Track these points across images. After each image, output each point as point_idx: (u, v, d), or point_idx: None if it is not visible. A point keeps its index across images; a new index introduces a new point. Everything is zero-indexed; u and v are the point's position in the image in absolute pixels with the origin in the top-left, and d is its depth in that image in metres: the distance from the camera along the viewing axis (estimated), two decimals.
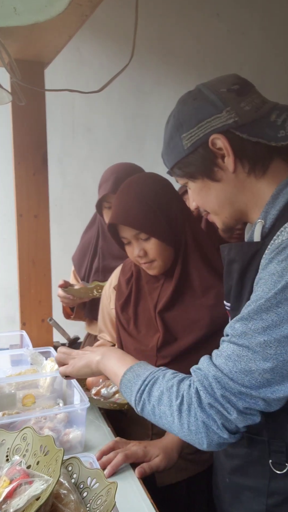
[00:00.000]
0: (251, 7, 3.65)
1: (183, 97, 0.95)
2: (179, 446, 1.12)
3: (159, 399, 0.87)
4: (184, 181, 0.98)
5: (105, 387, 1.31)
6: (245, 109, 0.87)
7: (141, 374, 0.93)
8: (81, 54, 3.23)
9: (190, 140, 0.90)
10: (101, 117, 3.37)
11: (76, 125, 3.34)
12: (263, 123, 0.87)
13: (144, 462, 1.09)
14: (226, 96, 0.88)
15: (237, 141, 0.87)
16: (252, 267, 0.86)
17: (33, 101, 1.63)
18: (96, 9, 1.22)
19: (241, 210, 0.94)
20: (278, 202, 0.87)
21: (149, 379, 0.91)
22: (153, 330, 1.37)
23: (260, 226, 0.88)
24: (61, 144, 3.29)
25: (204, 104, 0.89)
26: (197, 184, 0.94)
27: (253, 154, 0.88)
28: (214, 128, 0.87)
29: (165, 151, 0.98)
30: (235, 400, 0.79)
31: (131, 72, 1.49)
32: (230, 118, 0.87)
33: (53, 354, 1.41)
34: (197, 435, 0.82)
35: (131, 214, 1.28)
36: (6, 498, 0.73)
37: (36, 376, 1.30)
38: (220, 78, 0.93)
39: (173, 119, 0.94)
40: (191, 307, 1.33)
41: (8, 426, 1.08)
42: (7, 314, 3.23)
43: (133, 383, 0.92)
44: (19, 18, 0.74)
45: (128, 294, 1.47)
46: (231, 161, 0.88)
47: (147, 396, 0.89)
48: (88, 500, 0.80)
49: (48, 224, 1.75)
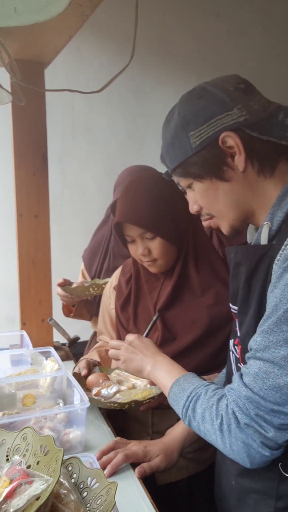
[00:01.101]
0: (251, 7, 3.65)
1: (186, 96, 0.93)
2: (180, 446, 1.12)
3: (202, 417, 0.88)
4: (187, 182, 0.95)
5: (106, 388, 1.31)
6: (254, 108, 0.86)
7: (186, 388, 0.95)
8: (81, 54, 3.23)
9: (199, 138, 0.87)
10: (101, 117, 3.37)
11: (76, 125, 3.34)
12: (271, 122, 0.86)
13: (144, 462, 1.09)
14: (235, 94, 0.87)
15: (248, 139, 0.86)
16: (260, 270, 0.85)
17: (33, 101, 1.63)
18: (96, 9, 1.22)
19: (248, 211, 0.92)
20: (284, 205, 0.86)
21: (192, 395, 0.92)
22: (153, 329, 1.37)
23: (267, 228, 0.87)
24: (61, 144, 3.29)
25: (213, 102, 0.87)
26: (204, 184, 0.91)
27: (262, 153, 0.87)
28: (225, 125, 0.85)
29: (167, 150, 0.95)
30: (269, 418, 0.78)
31: (131, 72, 1.49)
32: (241, 115, 0.85)
33: (53, 354, 1.41)
34: (239, 455, 0.82)
35: (137, 213, 1.28)
36: (6, 498, 0.73)
37: (36, 376, 1.30)
38: (223, 78, 0.92)
39: (178, 117, 0.91)
40: (190, 306, 1.34)
41: (8, 426, 1.08)
42: (7, 314, 3.23)
43: (179, 398, 0.95)
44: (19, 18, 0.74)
45: (128, 293, 1.48)
46: (242, 159, 0.86)
47: (192, 413, 0.91)
48: (88, 500, 0.80)
49: (48, 224, 1.75)
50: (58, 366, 1.31)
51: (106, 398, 1.29)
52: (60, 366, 1.31)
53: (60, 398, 1.29)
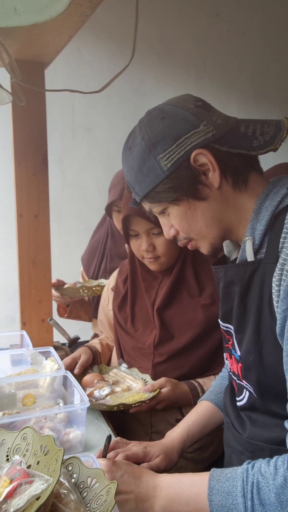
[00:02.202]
0: (251, 7, 3.65)
1: (145, 119, 0.89)
2: (180, 447, 1.12)
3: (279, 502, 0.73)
4: (161, 207, 0.92)
5: (99, 389, 1.33)
6: (218, 122, 0.86)
7: (231, 491, 0.77)
8: (81, 54, 3.23)
9: (169, 160, 0.85)
10: (101, 117, 3.37)
11: (76, 125, 3.34)
12: (236, 135, 0.86)
13: (144, 462, 1.09)
14: (197, 111, 0.86)
15: (219, 154, 0.85)
16: (253, 287, 0.85)
17: (33, 101, 1.63)
18: (96, 9, 1.22)
19: (227, 227, 0.91)
20: (262, 217, 0.85)
21: (246, 489, 0.76)
22: (150, 328, 1.38)
23: (250, 243, 0.86)
24: (61, 144, 3.29)
25: (177, 121, 0.85)
26: (181, 207, 0.89)
27: (234, 167, 0.87)
28: (195, 143, 0.84)
29: (134, 178, 0.90)
30: None
31: (131, 72, 1.49)
32: (209, 131, 0.84)
33: (53, 354, 1.41)
34: None
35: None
36: (6, 498, 0.73)
37: (36, 376, 1.30)
38: (179, 98, 0.91)
39: (142, 141, 0.87)
40: (187, 305, 1.34)
41: (8, 426, 1.08)
42: (7, 314, 3.23)
43: (231, 504, 0.77)
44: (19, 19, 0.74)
45: (125, 293, 1.48)
46: (217, 175, 0.85)
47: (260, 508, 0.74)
48: (88, 500, 0.80)
49: (48, 224, 1.75)
50: (58, 366, 1.31)
51: (97, 399, 1.30)
52: (59, 366, 1.31)
53: (60, 398, 1.29)
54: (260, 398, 0.87)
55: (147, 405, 1.26)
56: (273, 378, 0.83)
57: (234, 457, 0.98)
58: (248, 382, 0.89)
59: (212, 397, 1.18)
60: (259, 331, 0.84)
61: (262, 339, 0.84)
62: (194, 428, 1.14)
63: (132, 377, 1.39)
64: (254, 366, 0.86)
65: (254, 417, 0.92)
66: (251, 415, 0.93)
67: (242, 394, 0.94)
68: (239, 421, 0.97)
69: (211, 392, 1.20)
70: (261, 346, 0.84)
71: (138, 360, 1.41)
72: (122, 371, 1.44)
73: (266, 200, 0.86)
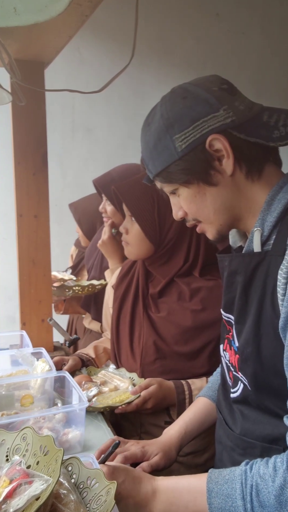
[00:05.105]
0: (251, 7, 3.65)
1: (168, 97, 0.88)
2: (178, 444, 1.12)
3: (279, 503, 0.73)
4: (172, 187, 0.91)
5: (86, 390, 1.33)
6: (240, 108, 0.84)
7: (230, 494, 0.77)
8: (81, 54, 3.24)
9: (185, 142, 0.84)
10: (101, 117, 3.37)
11: (76, 125, 3.34)
12: (257, 124, 0.84)
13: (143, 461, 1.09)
14: (220, 94, 0.84)
15: (236, 141, 0.83)
16: (257, 278, 0.84)
17: (33, 101, 1.63)
18: (96, 9, 1.22)
19: (236, 216, 0.90)
20: (274, 209, 0.84)
21: (245, 492, 0.76)
22: (144, 329, 1.39)
23: (258, 234, 0.84)
24: (61, 144, 3.29)
25: (198, 103, 0.83)
26: (191, 189, 0.88)
27: (249, 156, 0.85)
28: (212, 128, 0.82)
29: (149, 155, 0.90)
30: None
31: (131, 72, 1.49)
32: (228, 117, 0.83)
33: (44, 355, 1.40)
34: None
35: (132, 196, 1.35)
36: (6, 498, 0.73)
37: (26, 378, 1.29)
38: (204, 78, 0.89)
39: (161, 119, 0.86)
40: (177, 309, 1.35)
41: (7, 426, 1.08)
42: (7, 314, 3.24)
43: (230, 506, 0.77)
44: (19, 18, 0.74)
45: (123, 293, 1.50)
46: (230, 163, 0.84)
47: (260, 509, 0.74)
48: (88, 500, 0.80)
49: (48, 224, 1.75)
50: (49, 367, 1.29)
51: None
52: (51, 367, 1.29)
53: (50, 400, 1.28)
54: (254, 391, 0.86)
55: (133, 405, 1.26)
56: (269, 372, 0.82)
57: (225, 453, 0.98)
58: (243, 374, 0.88)
59: (209, 393, 1.17)
60: (259, 323, 0.83)
61: (261, 331, 0.83)
62: (191, 424, 1.14)
63: (120, 376, 1.40)
64: (251, 358, 0.85)
65: (246, 412, 0.91)
66: (243, 410, 0.92)
67: (237, 386, 0.93)
68: (232, 417, 0.96)
69: (209, 388, 1.19)
70: (260, 338, 0.83)
71: (129, 360, 1.42)
72: (110, 371, 1.45)
73: (279, 192, 0.85)
